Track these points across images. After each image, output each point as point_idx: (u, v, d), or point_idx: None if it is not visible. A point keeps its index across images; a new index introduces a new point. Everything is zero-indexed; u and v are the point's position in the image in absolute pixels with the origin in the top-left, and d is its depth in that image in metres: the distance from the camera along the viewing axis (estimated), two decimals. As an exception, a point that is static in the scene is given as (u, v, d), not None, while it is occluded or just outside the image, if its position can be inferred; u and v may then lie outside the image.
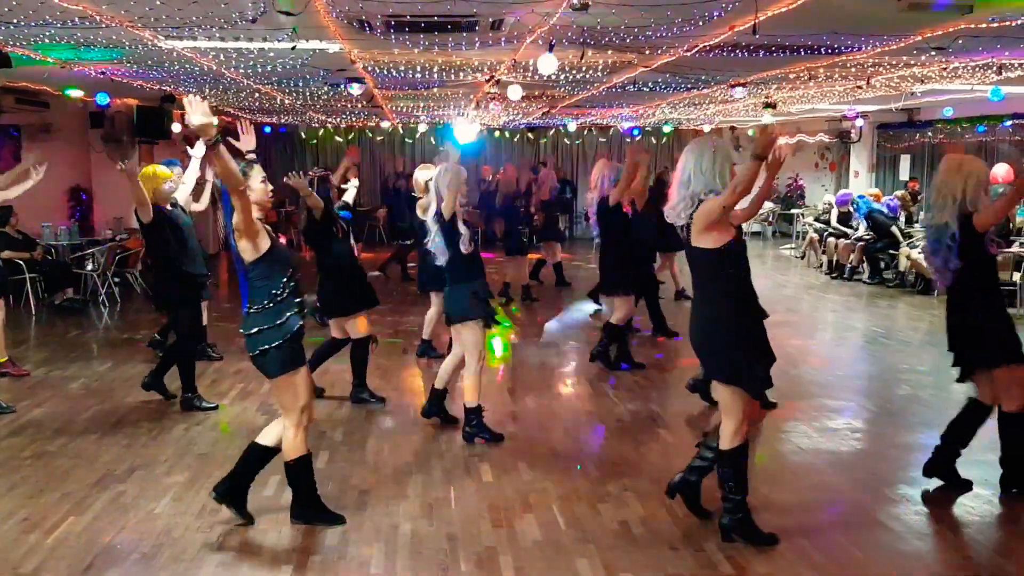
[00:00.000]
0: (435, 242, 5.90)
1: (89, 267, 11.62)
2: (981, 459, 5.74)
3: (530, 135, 21.67)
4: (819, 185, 20.95)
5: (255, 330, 4.38)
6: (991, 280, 4.91)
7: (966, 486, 5.17)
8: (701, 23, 6.71)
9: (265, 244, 4.38)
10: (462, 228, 5.84)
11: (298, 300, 4.49)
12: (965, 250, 4.77)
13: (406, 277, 13.54)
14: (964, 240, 4.75)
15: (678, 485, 4.70)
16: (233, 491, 4.65)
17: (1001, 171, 11.88)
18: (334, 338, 7.08)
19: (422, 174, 7.99)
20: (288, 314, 4.39)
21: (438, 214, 5.86)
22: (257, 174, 4.46)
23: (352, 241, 7.10)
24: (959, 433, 5.12)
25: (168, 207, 6.95)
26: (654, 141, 21.62)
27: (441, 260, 5.94)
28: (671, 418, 6.73)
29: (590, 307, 11.08)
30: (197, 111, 3.96)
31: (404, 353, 8.72)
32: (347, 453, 5.82)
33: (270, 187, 4.53)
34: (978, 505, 4.98)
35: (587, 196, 8.65)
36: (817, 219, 16.57)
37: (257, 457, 4.68)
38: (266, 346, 4.36)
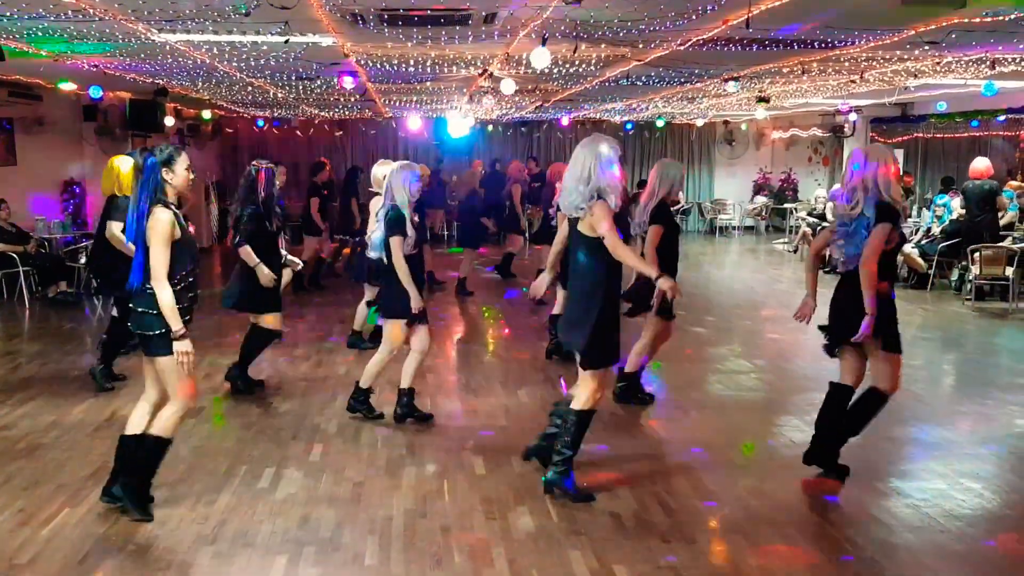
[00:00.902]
0: (375, 238, 5.97)
1: (83, 260, 11.58)
2: (971, 452, 5.80)
3: (523, 129, 21.66)
4: (812, 179, 21.01)
5: (141, 310, 4.45)
6: (892, 268, 5.17)
7: (846, 472, 5.25)
8: (694, 17, 6.72)
9: (175, 233, 4.44)
10: (409, 230, 5.89)
11: (192, 295, 4.56)
12: None
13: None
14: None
15: (533, 450, 5.32)
16: (136, 492, 4.64)
17: (982, 165, 11.86)
18: (260, 328, 7.13)
19: (380, 169, 8.16)
20: (176, 305, 4.42)
21: (389, 210, 5.92)
22: (183, 161, 4.55)
23: (283, 242, 7.26)
24: (836, 421, 5.21)
25: None
26: (647, 135, 21.64)
27: (375, 255, 6.01)
28: (662, 411, 6.77)
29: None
30: None
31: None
32: (341, 445, 5.84)
33: (192, 175, 4.62)
34: (969, 499, 5.01)
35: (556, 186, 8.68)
36: (810, 213, 16.61)
37: (139, 448, 4.66)
38: (151, 331, 4.42)
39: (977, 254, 11.02)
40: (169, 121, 15.09)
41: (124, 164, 7.01)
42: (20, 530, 4.49)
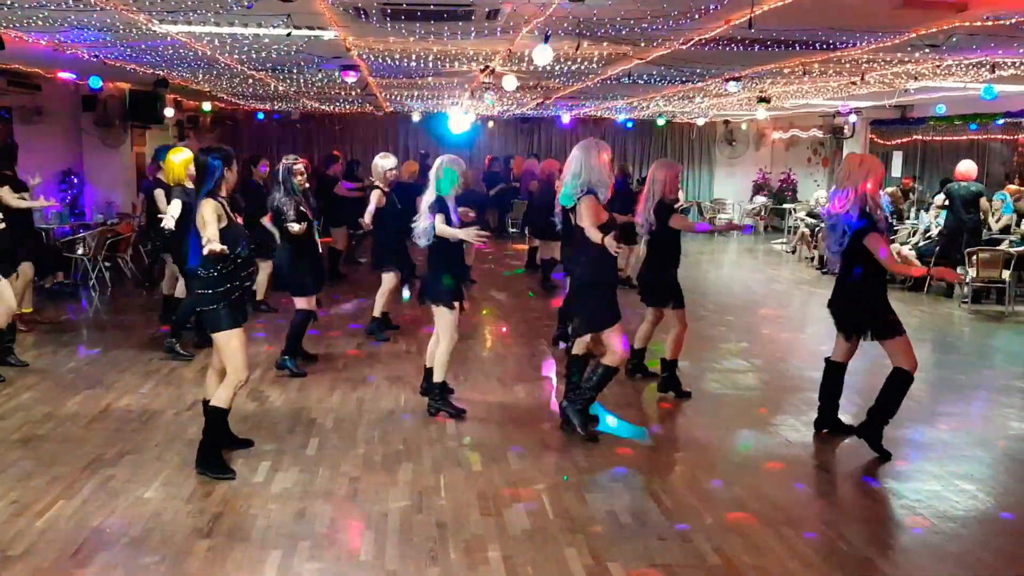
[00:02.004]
0: (422, 226, 6.10)
1: (79, 251, 11.56)
2: (966, 454, 5.82)
3: (524, 125, 21.64)
4: (811, 180, 21.02)
5: (198, 291, 5.04)
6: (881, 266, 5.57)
7: (849, 431, 5.95)
8: (697, 16, 6.72)
9: (222, 218, 4.97)
10: (454, 222, 6.10)
11: (244, 274, 5.11)
12: (861, 237, 5.42)
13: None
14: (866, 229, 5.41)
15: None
16: (208, 458, 5.18)
17: (967, 167, 11.85)
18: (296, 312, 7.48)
19: (383, 162, 8.36)
20: (228, 285, 4.98)
21: (435, 201, 6.07)
22: (234, 163, 5.21)
23: (316, 228, 7.53)
24: (831, 391, 6.06)
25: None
26: (648, 133, 21.64)
27: (424, 243, 6.15)
28: (659, 409, 6.77)
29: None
30: None
31: (396, 342, 8.73)
32: (337, 440, 5.83)
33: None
34: (963, 500, 5.02)
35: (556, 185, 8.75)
36: (809, 214, 16.62)
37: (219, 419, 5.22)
38: (210, 307, 4.98)
39: (974, 256, 11.02)
40: (169, 112, 15.06)
41: (176, 156, 7.53)
42: (14, 521, 4.48)
